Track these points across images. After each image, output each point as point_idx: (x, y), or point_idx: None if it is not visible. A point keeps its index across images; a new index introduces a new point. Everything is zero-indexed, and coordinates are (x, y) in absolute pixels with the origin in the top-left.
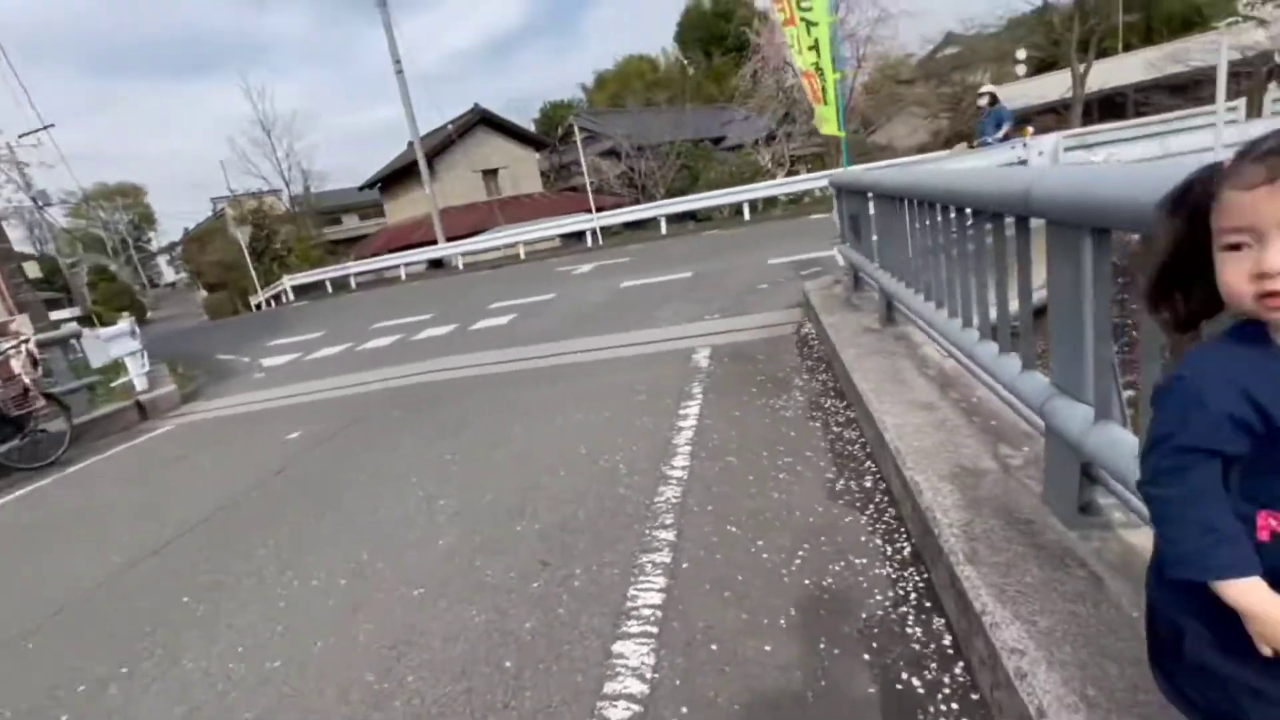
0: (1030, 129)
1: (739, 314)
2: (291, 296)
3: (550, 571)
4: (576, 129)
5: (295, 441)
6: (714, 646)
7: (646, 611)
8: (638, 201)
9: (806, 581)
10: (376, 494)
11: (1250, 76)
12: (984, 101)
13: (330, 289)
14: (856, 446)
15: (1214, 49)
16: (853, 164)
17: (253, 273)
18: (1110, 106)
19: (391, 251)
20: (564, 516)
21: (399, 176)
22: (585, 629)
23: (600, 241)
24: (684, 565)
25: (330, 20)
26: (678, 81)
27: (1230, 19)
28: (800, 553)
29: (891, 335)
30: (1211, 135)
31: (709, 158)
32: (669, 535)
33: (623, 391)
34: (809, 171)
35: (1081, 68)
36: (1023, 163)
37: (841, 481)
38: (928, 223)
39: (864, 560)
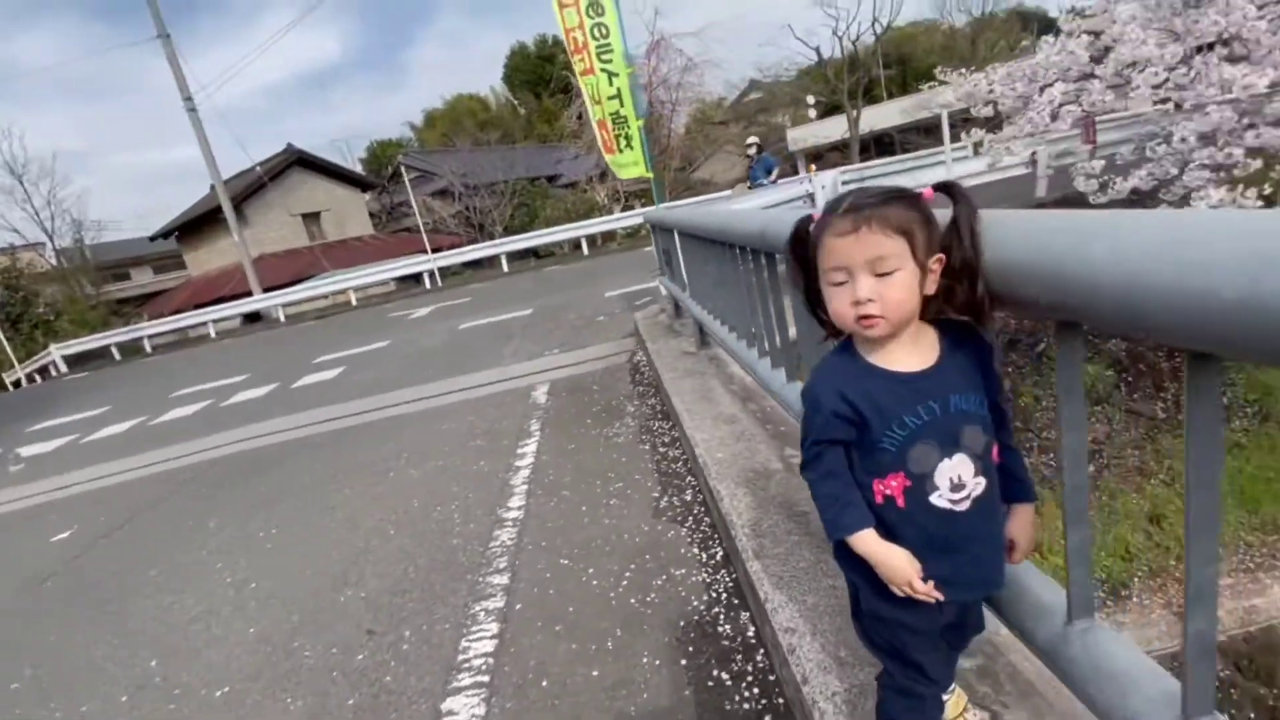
0: (814, 166)
1: (577, 347)
2: (64, 368)
3: (377, 640)
4: (404, 169)
5: (68, 541)
6: (545, 683)
7: (478, 661)
8: (476, 240)
9: (632, 600)
10: (173, 589)
11: (970, 121)
12: (752, 150)
13: (118, 355)
14: (679, 464)
15: (945, 94)
16: (679, 199)
17: (5, 344)
18: (881, 145)
19: (198, 307)
20: (393, 579)
21: (202, 223)
22: (415, 692)
23: (439, 283)
24: (517, 607)
25: (105, 43)
26: (509, 121)
27: (930, 83)
28: (627, 574)
29: (706, 357)
30: (944, 171)
31: (545, 195)
32: (503, 579)
33: (460, 437)
34: (643, 206)
35: (855, 112)
36: (810, 196)
37: (665, 499)
38: (715, 256)
39: (683, 570)
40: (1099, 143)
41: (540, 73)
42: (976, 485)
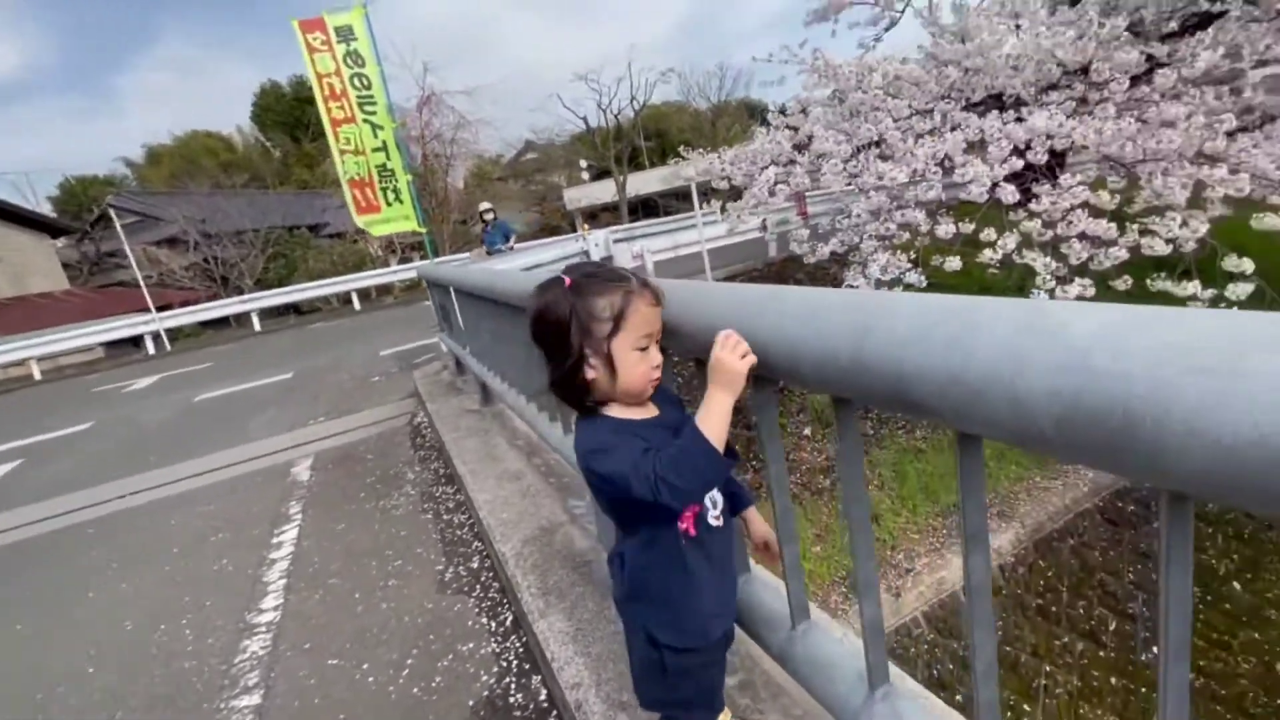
0: (588, 225)
1: (348, 412)
2: None
3: None
4: (114, 211)
5: None
6: None
7: None
8: (219, 296)
9: (416, 690)
10: None
11: (715, 191)
12: (489, 217)
13: None
14: (466, 529)
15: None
16: (460, 252)
17: None
18: (647, 207)
19: None
20: None
21: None
22: None
23: (168, 347)
24: None
25: None
26: (260, 163)
27: (675, 158)
28: (409, 661)
29: (490, 414)
30: (696, 233)
31: (307, 245)
32: (253, 699)
33: (194, 534)
34: (424, 258)
35: (622, 177)
36: (585, 254)
37: (451, 569)
38: (490, 313)
39: (472, 645)
40: (810, 213)
41: (298, 115)
42: (720, 500)
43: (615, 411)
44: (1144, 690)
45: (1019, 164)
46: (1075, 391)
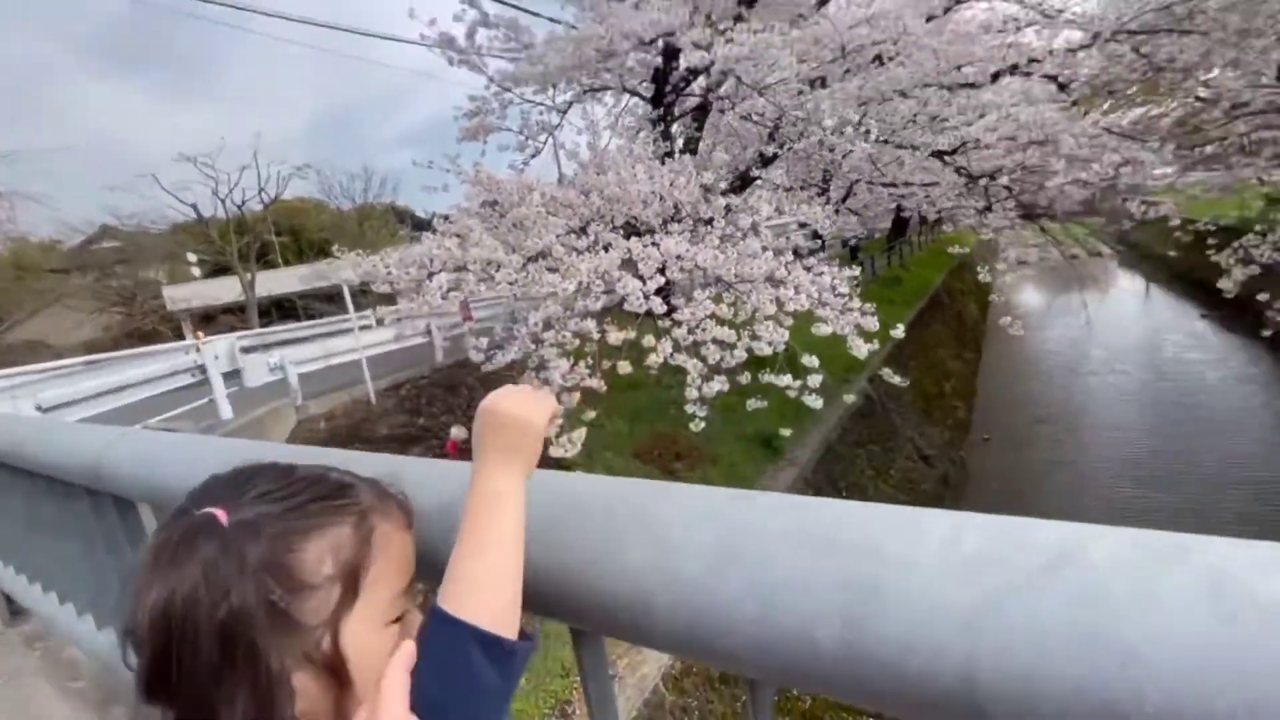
0: (201, 332)
1: None
2: None
3: None
4: None
5: None
6: None
7: None
8: None
9: None
10: None
11: (368, 292)
12: None
13: None
14: None
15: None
16: None
17: None
18: (284, 309)
19: None
20: None
21: None
22: None
23: None
24: None
25: None
26: None
27: (328, 257)
28: None
29: (20, 639)
30: (353, 339)
31: None
32: None
33: None
34: None
35: (249, 275)
36: (200, 367)
37: None
38: (23, 487)
39: None
40: (476, 319)
41: None
42: None
43: None
44: None
45: (662, 280)
46: None
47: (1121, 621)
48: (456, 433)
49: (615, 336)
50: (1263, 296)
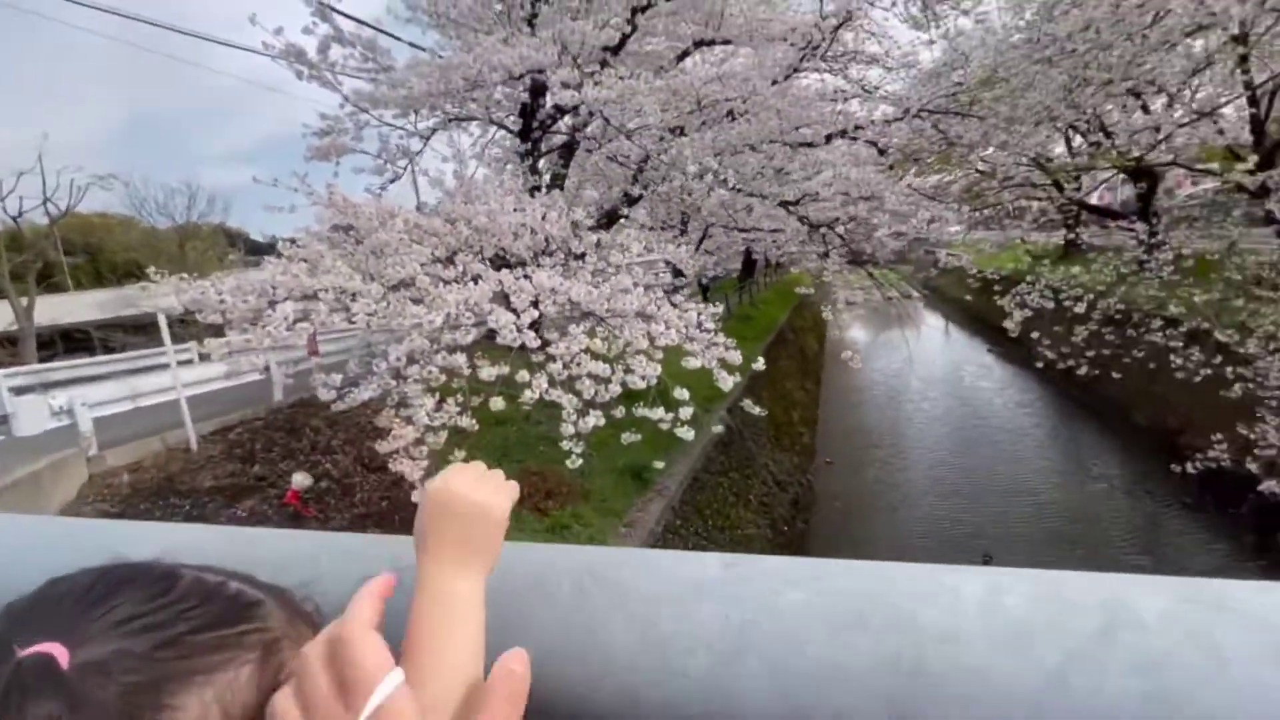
0: None
1: None
2: None
3: None
4: None
5: None
6: None
7: None
8: None
9: None
10: None
11: (187, 323)
12: None
13: None
14: None
15: (162, 296)
16: None
17: None
18: (74, 340)
19: None
20: None
21: None
22: None
23: None
24: None
25: None
26: None
27: (140, 281)
28: None
29: None
30: (170, 376)
31: None
32: None
33: None
34: None
35: (26, 300)
36: None
37: None
38: None
39: None
40: (322, 353)
41: None
42: None
43: None
44: None
45: (536, 313)
46: None
47: (1195, 688)
48: (299, 480)
49: (488, 371)
50: (1034, 334)
